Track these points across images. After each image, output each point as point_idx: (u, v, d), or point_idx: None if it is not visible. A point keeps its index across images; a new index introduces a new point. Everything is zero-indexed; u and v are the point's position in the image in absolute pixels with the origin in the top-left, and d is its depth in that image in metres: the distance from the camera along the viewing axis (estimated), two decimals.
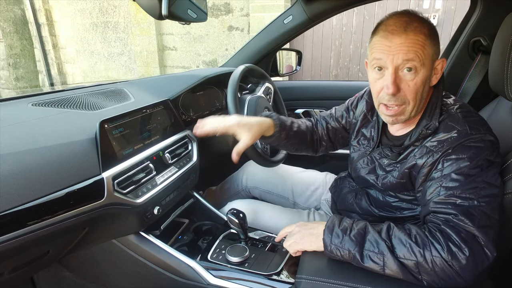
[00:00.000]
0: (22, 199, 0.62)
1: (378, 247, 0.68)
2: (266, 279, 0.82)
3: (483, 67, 1.26)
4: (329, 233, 0.73)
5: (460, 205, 0.66)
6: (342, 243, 0.71)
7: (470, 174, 0.68)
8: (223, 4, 3.97)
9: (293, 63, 1.89)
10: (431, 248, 0.64)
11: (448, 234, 0.65)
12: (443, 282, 0.64)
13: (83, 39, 4.95)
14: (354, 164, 0.99)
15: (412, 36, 0.70)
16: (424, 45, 0.71)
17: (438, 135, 0.74)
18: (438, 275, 0.63)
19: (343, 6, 1.39)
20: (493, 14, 1.25)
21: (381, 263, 0.67)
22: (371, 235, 0.70)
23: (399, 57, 0.71)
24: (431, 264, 0.63)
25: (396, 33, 0.71)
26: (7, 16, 4.62)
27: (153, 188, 0.88)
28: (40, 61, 5.14)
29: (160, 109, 1.01)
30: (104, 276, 1.00)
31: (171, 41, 4.39)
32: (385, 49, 0.72)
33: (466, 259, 0.62)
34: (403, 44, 0.70)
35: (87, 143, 0.77)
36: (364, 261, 0.68)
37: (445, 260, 0.62)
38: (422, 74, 0.72)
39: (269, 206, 1.14)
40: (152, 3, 0.80)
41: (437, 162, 0.72)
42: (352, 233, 0.71)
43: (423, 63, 0.71)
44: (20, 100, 0.94)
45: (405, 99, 0.74)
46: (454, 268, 0.62)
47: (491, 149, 0.70)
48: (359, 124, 0.99)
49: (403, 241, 0.67)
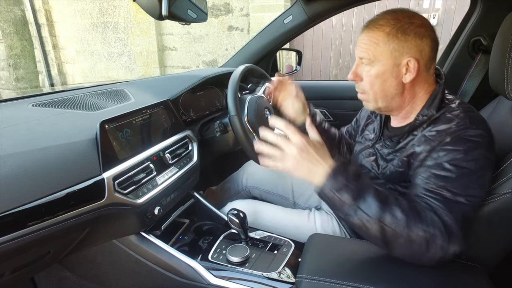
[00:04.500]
0: (23, 200, 0.62)
1: (370, 208, 0.68)
2: (266, 279, 0.82)
3: (483, 66, 1.26)
4: (332, 178, 0.71)
5: (446, 198, 0.69)
6: (341, 192, 0.70)
7: (463, 166, 0.69)
8: (223, 4, 3.96)
9: (293, 63, 1.89)
10: (414, 224, 0.67)
11: (432, 218, 0.68)
12: (411, 256, 0.69)
13: (83, 39, 4.94)
14: (356, 157, 1.01)
15: (370, 33, 0.79)
16: (378, 43, 0.77)
17: (437, 126, 0.76)
18: (410, 248, 0.67)
19: (343, 6, 1.39)
20: (493, 14, 1.25)
21: (366, 224, 0.69)
22: (368, 195, 0.70)
23: (357, 52, 0.82)
24: (408, 237, 0.67)
25: (362, 30, 0.82)
26: (7, 17, 4.62)
27: (153, 188, 0.88)
28: (40, 62, 5.14)
29: (161, 109, 1.01)
30: (104, 277, 1.00)
31: (171, 41, 4.39)
32: (357, 44, 0.83)
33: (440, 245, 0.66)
34: (361, 40, 0.81)
35: (88, 143, 0.77)
36: (352, 216, 0.70)
37: (421, 238, 0.66)
38: (377, 68, 0.79)
39: (270, 206, 1.14)
40: (152, 3, 0.81)
41: (434, 150, 0.74)
42: (353, 186, 0.70)
43: (376, 58, 0.78)
44: (21, 100, 0.94)
45: (364, 87, 0.84)
46: (426, 247, 0.66)
47: (488, 146, 0.71)
48: (363, 124, 1.06)
49: (393, 211, 0.68)
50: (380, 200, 0.69)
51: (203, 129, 1.25)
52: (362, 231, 0.71)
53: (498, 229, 0.72)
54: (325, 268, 0.74)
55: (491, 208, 0.69)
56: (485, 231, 0.73)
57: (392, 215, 0.68)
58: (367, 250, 0.81)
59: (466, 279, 0.71)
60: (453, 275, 0.71)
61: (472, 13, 1.34)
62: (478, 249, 0.76)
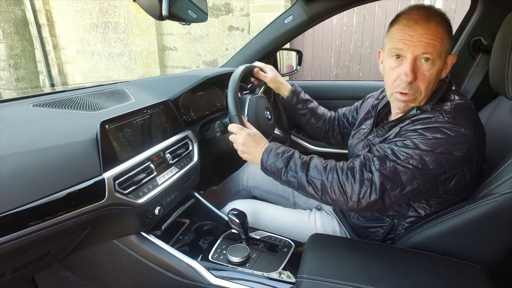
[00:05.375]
0: (23, 200, 0.62)
1: (297, 168, 0.84)
2: (267, 279, 0.82)
3: (484, 66, 1.26)
4: (267, 154, 0.89)
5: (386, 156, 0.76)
6: (274, 163, 0.87)
7: (419, 147, 0.73)
8: (223, 4, 3.96)
9: (293, 63, 1.89)
10: (334, 173, 0.80)
11: (353, 166, 0.79)
12: (336, 202, 0.79)
13: (84, 39, 4.95)
14: (352, 150, 1.04)
15: (434, 27, 0.73)
16: (443, 38, 0.74)
17: (425, 114, 0.78)
18: (334, 193, 0.79)
19: (343, 6, 1.39)
20: (494, 14, 1.25)
21: (296, 180, 0.84)
22: (295, 160, 0.86)
23: (420, 47, 0.73)
24: (329, 183, 0.79)
25: (419, 23, 0.74)
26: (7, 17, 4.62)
27: (154, 188, 0.88)
28: (40, 62, 5.14)
29: (161, 110, 1.01)
30: (105, 277, 1.00)
31: (172, 41, 4.39)
32: (407, 38, 0.75)
33: (357, 188, 0.76)
34: (425, 35, 0.73)
35: (88, 143, 0.77)
36: (287, 176, 0.85)
37: (340, 183, 0.78)
38: (438, 66, 0.76)
39: (270, 206, 1.14)
40: (152, 3, 0.80)
41: (411, 131, 0.77)
42: (283, 157, 0.87)
43: (440, 55, 0.75)
44: (21, 101, 0.94)
45: (418, 88, 0.78)
46: (345, 191, 0.77)
47: (459, 142, 0.71)
48: (362, 117, 1.07)
49: (317, 166, 0.83)
50: (303, 160, 0.85)
51: (203, 129, 1.25)
52: (299, 188, 0.84)
53: (498, 229, 0.72)
54: (326, 268, 0.74)
55: (491, 208, 0.69)
56: (485, 231, 0.73)
57: (313, 168, 0.82)
58: (368, 250, 0.81)
59: (466, 279, 0.71)
60: (453, 275, 0.71)
61: (473, 13, 1.34)
62: (478, 249, 0.76)
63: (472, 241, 0.75)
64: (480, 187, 0.75)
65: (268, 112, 1.21)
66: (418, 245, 0.80)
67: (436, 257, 0.76)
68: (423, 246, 0.79)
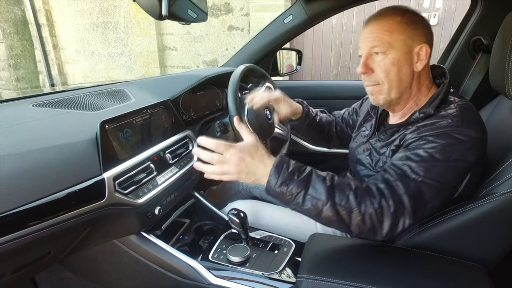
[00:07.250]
0: (23, 200, 0.62)
1: (320, 192, 0.70)
2: (267, 278, 0.82)
3: (484, 66, 1.26)
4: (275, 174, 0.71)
5: (404, 172, 0.72)
6: (288, 185, 0.71)
7: (435, 157, 0.71)
8: (223, 4, 3.96)
9: (293, 63, 1.89)
10: (366, 200, 0.69)
11: (382, 189, 0.70)
12: (368, 233, 0.71)
13: (83, 39, 4.94)
14: (352, 153, 1.03)
15: (381, 22, 0.79)
16: (392, 30, 0.77)
17: (431, 119, 0.78)
18: (365, 224, 0.69)
19: (343, 6, 1.39)
20: (494, 13, 1.25)
21: (320, 207, 0.70)
22: (315, 181, 0.71)
23: (368, 42, 0.80)
24: (362, 214, 0.68)
25: (370, 21, 0.81)
26: (7, 17, 4.62)
27: (154, 188, 0.88)
28: (40, 62, 5.14)
29: (161, 109, 1.01)
30: (105, 277, 1.00)
31: (171, 41, 4.39)
32: (361, 37, 0.83)
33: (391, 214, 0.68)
34: (372, 31, 0.80)
35: (88, 143, 0.77)
36: (304, 204, 0.71)
37: (372, 210, 0.68)
38: (392, 56, 0.78)
39: (270, 206, 1.14)
40: (152, 3, 0.80)
41: (419, 138, 0.76)
42: (299, 177, 0.71)
43: (391, 46, 0.78)
44: (21, 101, 0.94)
45: (378, 78, 0.82)
46: (377, 219, 0.69)
47: (472, 148, 0.71)
48: (362, 119, 1.07)
49: (343, 190, 0.70)
50: (326, 183, 0.71)
51: (203, 129, 1.25)
52: (319, 217, 0.72)
53: (499, 228, 0.72)
54: (326, 268, 0.73)
55: (491, 208, 0.69)
56: (486, 230, 0.73)
57: (340, 194, 0.70)
58: (368, 249, 0.81)
59: (467, 279, 0.71)
60: (453, 275, 0.71)
61: (473, 13, 1.34)
62: (478, 249, 0.76)
63: (472, 240, 0.75)
64: (480, 187, 0.75)
65: (268, 112, 1.21)
66: (418, 245, 0.80)
67: (436, 257, 0.76)
68: (423, 246, 0.79)
